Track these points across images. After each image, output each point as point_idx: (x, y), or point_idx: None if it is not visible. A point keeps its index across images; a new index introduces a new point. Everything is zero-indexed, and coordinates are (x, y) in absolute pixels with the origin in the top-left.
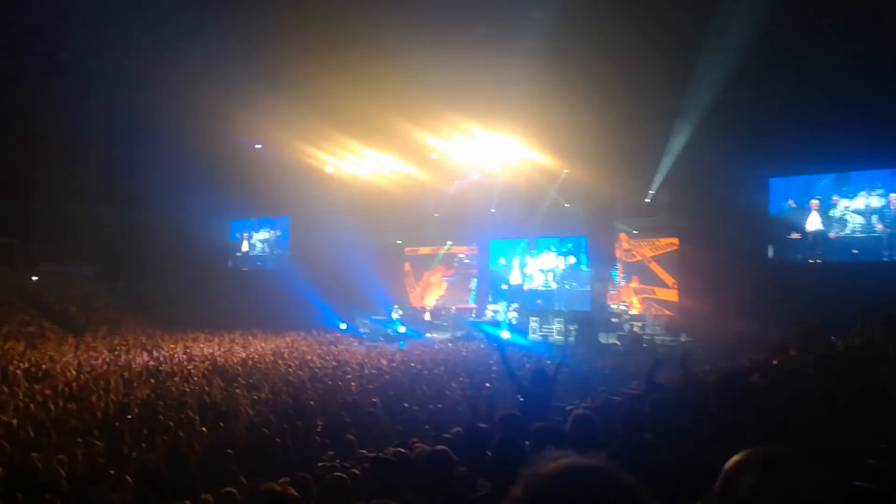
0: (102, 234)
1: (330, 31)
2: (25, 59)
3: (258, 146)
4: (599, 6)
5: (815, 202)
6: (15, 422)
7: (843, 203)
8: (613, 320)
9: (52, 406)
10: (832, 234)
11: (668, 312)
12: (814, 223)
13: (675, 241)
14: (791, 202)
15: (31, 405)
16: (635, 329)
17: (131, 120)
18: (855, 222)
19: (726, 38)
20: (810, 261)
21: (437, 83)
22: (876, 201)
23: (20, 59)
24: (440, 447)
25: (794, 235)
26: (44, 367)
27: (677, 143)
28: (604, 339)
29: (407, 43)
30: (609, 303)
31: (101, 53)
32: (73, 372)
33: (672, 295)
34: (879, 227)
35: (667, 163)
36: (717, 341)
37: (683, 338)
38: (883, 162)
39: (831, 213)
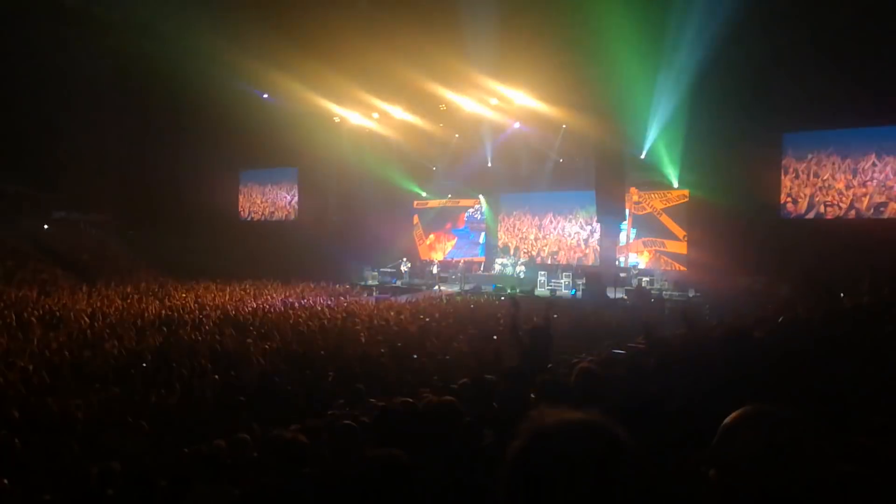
0: (114, 183)
1: None
2: (33, 4)
3: (266, 96)
4: None
5: (828, 157)
6: (31, 367)
7: (857, 158)
8: (622, 275)
9: (66, 352)
10: (845, 190)
11: (678, 265)
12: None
13: (687, 193)
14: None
15: (46, 351)
16: (643, 284)
17: (142, 69)
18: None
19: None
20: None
21: (449, 34)
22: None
23: (28, 5)
24: (447, 398)
25: (806, 191)
26: (58, 314)
27: (694, 96)
28: (612, 293)
29: None
30: (618, 256)
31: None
32: (87, 319)
33: (682, 248)
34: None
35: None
36: (724, 296)
37: (691, 293)
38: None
39: (844, 168)
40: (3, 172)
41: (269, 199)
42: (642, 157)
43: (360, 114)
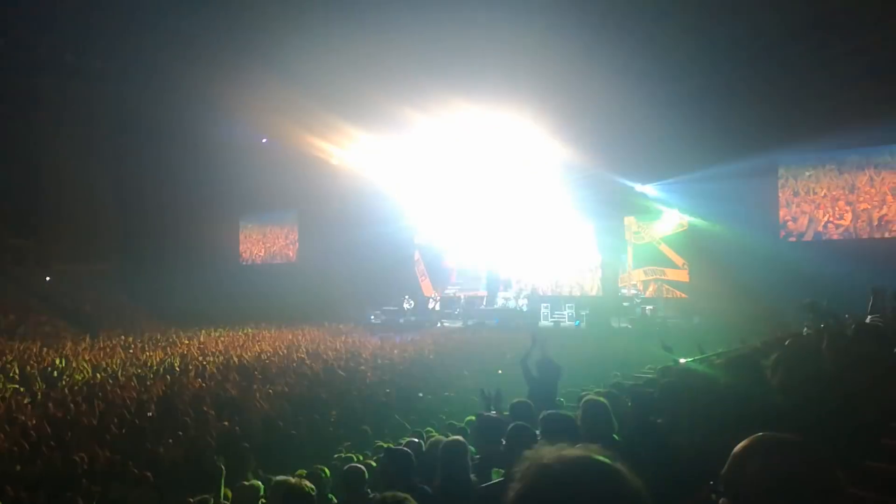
0: (114, 233)
1: (334, 19)
2: (32, 60)
3: (264, 140)
4: None
5: (825, 175)
6: (33, 421)
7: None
8: (625, 304)
9: (70, 405)
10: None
11: (679, 293)
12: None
13: (685, 221)
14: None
15: (50, 404)
16: (647, 312)
17: (139, 118)
18: None
19: (733, 20)
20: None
21: (442, 69)
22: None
23: (27, 61)
24: (454, 437)
25: (804, 211)
26: (60, 366)
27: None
28: (615, 323)
29: (411, 29)
30: (619, 285)
31: (108, 52)
32: (90, 371)
33: (682, 275)
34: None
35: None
36: (729, 322)
37: (696, 320)
38: (891, 137)
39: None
40: (4, 226)
41: (270, 241)
42: (637, 189)
43: (357, 153)
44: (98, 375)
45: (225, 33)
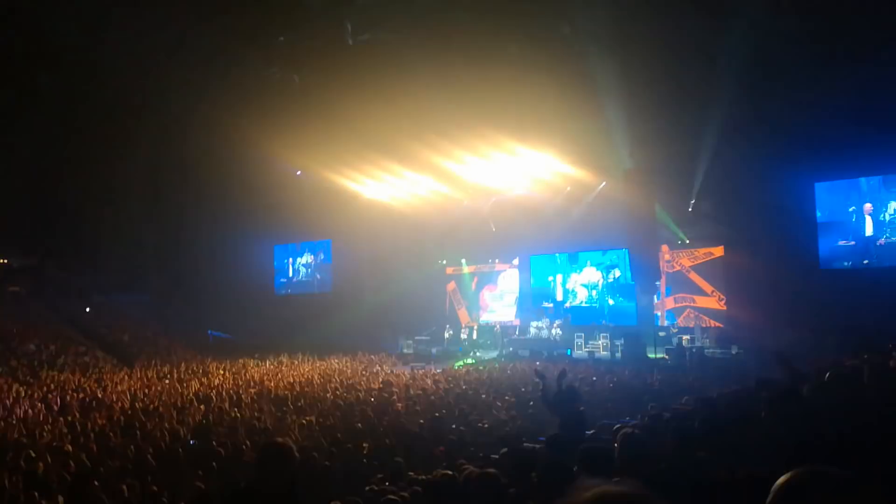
0: (152, 265)
1: (363, 56)
2: (72, 98)
3: (298, 173)
4: (633, 18)
5: (867, 206)
6: (71, 450)
7: (893, 206)
8: (661, 334)
9: (110, 434)
10: (882, 241)
11: (709, 320)
12: (863, 228)
13: (713, 250)
14: (851, 208)
15: (91, 434)
16: (684, 342)
17: (176, 150)
18: None
19: (767, 44)
20: (864, 262)
21: (472, 102)
22: None
23: (68, 98)
24: (489, 469)
25: (843, 242)
26: (99, 395)
27: (720, 151)
28: (652, 353)
29: (438, 61)
30: (655, 313)
31: (146, 85)
32: (128, 401)
33: (711, 302)
34: None
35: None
36: (768, 352)
37: (734, 349)
38: None
39: (880, 216)
40: (47, 259)
41: (304, 273)
42: (689, 209)
43: (390, 185)
44: (136, 405)
45: (262, 73)
